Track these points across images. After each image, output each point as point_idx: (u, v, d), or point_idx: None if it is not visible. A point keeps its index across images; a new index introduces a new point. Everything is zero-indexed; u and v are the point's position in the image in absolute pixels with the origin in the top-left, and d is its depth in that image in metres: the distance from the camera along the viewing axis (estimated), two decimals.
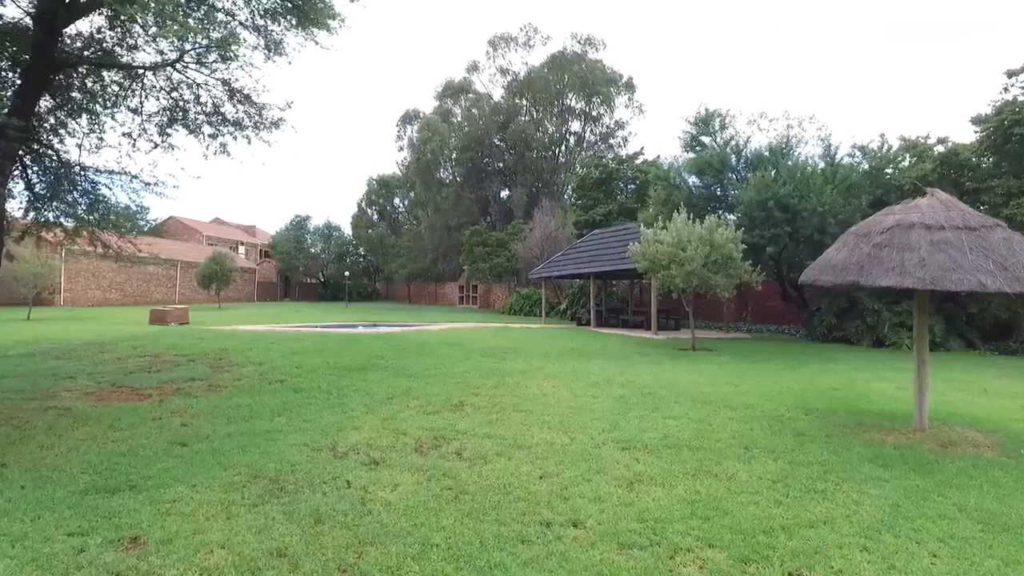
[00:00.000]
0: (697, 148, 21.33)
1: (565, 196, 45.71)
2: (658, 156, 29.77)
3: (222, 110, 8.33)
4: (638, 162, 34.33)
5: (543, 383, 9.16)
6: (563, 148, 50.73)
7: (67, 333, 15.08)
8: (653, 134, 78.33)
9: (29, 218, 8.37)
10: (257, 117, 8.40)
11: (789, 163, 18.39)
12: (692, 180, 21.07)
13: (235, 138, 8.61)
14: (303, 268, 61.05)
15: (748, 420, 6.79)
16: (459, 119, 51.94)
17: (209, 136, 8.45)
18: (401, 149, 59.29)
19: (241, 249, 61.44)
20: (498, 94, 52.67)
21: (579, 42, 49.65)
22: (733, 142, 20.44)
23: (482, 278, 41.85)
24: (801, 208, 16.62)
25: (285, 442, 5.51)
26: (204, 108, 8.31)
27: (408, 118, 58.23)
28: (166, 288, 41.88)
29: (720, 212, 19.05)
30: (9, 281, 26.31)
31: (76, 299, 34.35)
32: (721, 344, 16.94)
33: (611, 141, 50.32)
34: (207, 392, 7.85)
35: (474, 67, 53.83)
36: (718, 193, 20.54)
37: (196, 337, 13.73)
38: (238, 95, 8.28)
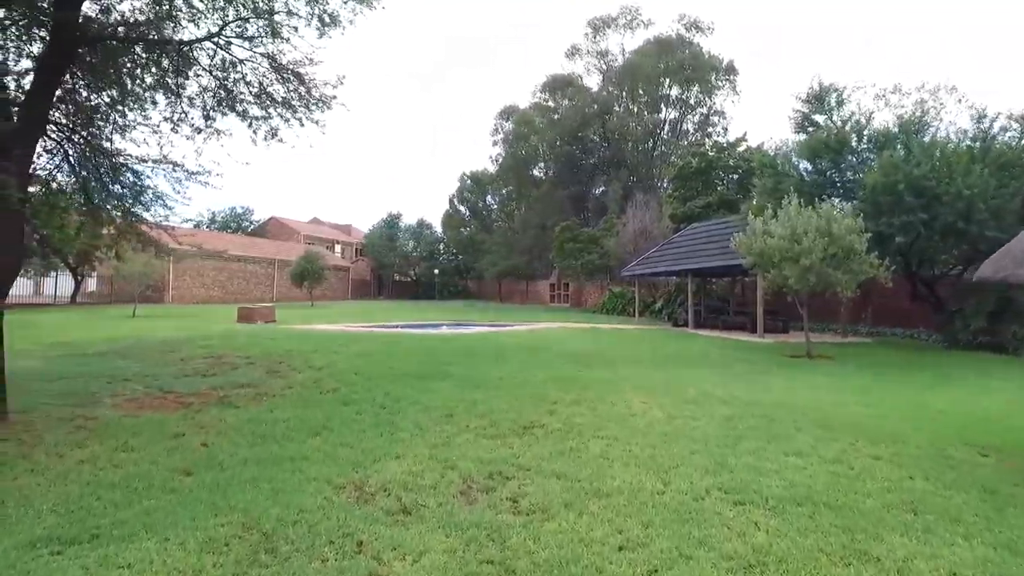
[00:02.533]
0: (809, 128, 18.93)
1: (660, 189, 43.37)
2: (762, 143, 27.20)
3: (270, 89, 7.56)
4: (740, 149, 31.71)
5: (631, 398, 7.76)
6: (659, 138, 48.28)
7: (154, 330, 15.20)
8: (755, 119, 73.28)
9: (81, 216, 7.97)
10: (307, 96, 7.57)
11: (925, 139, 15.79)
12: (803, 166, 18.73)
13: (287, 121, 7.84)
14: (395, 266, 61.95)
15: (902, 461, 5.13)
16: (557, 114, 50.55)
17: (258, 119, 7.71)
18: (496, 144, 58.64)
19: (337, 248, 63.17)
20: (595, 82, 51.12)
21: (684, 26, 47.05)
22: (853, 120, 17.91)
23: (573, 276, 40.51)
24: (941, 192, 14.10)
25: (306, 475, 4.51)
26: (251, 88, 7.56)
27: (505, 114, 57.57)
28: (264, 286, 43.41)
29: (836, 199, 16.73)
30: (119, 280, 28.04)
31: (182, 296, 36.11)
32: (840, 350, 14.78)
33: (709, 129, 47.39)
34: (249, 402, 7.07)
35: (574, 51, 52.39)
36: (835, 178, 18.08)
37: (268, 337, 13.33)
38: (286, 71, 7.48)
